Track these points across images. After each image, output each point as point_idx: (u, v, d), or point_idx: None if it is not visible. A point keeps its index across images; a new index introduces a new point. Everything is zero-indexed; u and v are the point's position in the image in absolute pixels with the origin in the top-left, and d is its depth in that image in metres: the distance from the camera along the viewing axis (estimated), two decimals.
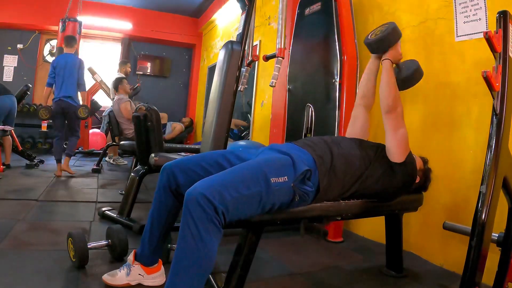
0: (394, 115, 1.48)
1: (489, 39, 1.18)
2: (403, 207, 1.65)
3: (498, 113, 1.18)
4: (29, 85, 4.75)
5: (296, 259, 1.94)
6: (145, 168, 2.38)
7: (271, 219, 1.23)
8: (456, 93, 1.93)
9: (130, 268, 1.46)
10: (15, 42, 6.32)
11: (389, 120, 1.49)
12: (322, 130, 2.37)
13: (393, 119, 1.48)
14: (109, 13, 6.51)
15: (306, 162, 1.28)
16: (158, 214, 1.41)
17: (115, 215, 2.32)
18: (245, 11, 2.11)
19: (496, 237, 1.31)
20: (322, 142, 1.42)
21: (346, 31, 2.31)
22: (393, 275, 1.75)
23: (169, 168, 1.37)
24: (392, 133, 1.47)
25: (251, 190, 1.12)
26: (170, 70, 7.44)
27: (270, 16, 4.01)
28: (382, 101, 1.51)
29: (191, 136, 7.00)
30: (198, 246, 1.02)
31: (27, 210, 2.45)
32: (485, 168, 1.17)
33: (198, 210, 1.02)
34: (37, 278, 1.47)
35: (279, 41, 2.00)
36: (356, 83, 2.33)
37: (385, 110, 1.50)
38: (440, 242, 1.91)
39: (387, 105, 1.49)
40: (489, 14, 1.76)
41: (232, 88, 1.99)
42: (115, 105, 4.57)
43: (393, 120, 1.48)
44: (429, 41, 2.09)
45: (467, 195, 1.80)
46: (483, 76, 1.17)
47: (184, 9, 6.79)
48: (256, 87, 4.22)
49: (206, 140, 2.05)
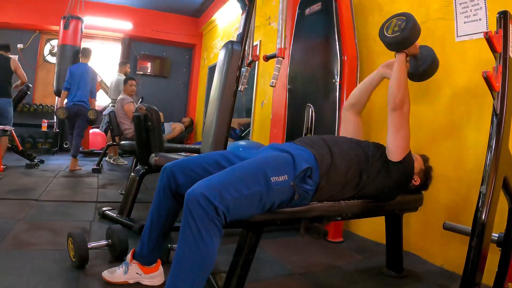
0: (399, 113, 1.43)
1: (489, 39, 1.18)
2: (403, 207, 1.65)
3: (498, 113, 1.18)
4: (29, 85, 4.75)
5: (296, 259, 1.94)
6: (145, 168, 2.38)
7: (271, 219, 1.23)
8: (456, 93, 1.93)
9: (128, 266, 1.47)
10: (15, 42, 6.32)
11: (394, 118, 1.45)
12: (322, 130, 2.37)
13: (397, 118, 1.44)
14: (110, 13, 6.51)
15: (307, 160, 1.28)
16: (157, 215, 1.41)
17: (115, 215, 2.32)
18: (245, 11, 2.11)
19: (496, 237, 1.31)
20: (321, 140, 1.42)
21: (346, 31, 2.31)
22: (393, 275, 1.75)
23: (169, 169, 1.36)
24: (394, 132, 1.44)
25: (251, 189, 1.12)
26: (170, 70, 7.44)
27: (270, 16, 4.01)
28: (390, 97, 1.45)
29: (191, 136, 7.00)
30: (199, 246, 1.02)
31: (27, 210, 2.45)
32: (485, 168, 1.17)
33: (198, 210, 1.02)
34: (37, 278, 1.47)
35: (279, 41, 2.00)
36: (356, 83, 2.33)
37: (391, 107, 1.45)
38: (440, 242, 1.91)
39: (394, 103, 1.43)
40: (489, 14, 1.76)
41: (232, 88, 2.00)
42: (117, 105, 4.56)
43: (398, 119, 1.44)
44: (429, 41, 2.09)
45: (467, 195, 1.80)
46: (483, 76, 1.17)
47: (184, 9, 6.79)
48: (256, 87, 4.22)
49: (206, 140, 2.05)
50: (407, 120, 1.46)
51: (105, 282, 1.47)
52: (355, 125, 1.71)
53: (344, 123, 1.74)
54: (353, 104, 1.71)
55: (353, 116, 1.72)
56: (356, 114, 1.72)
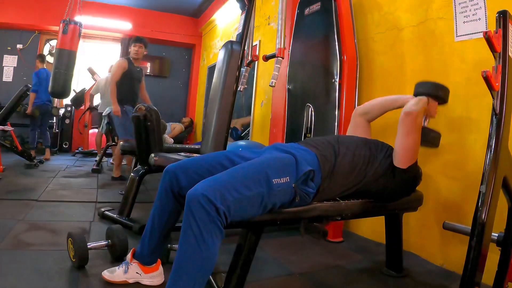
0: (412, 118, 1.41)
1: (489, 39, 1.18)
2: (403, 207, 1.64)
3: (497, 113, 1.18)
4: (28, 85, 4.76)
5: (296, 259, 1.94)
6: (145, 168, 2.38)
7: (271, 219, 1.23)
8: (455, 93, 1.92)
9: (128, 266, 1.47)
10: (15, 42, 6.32)
11: (405, 121, 1.42)
12: (322, 130, 2.37)
13: (409, 122, 1.41)
14: (109, 13, 6.50)
15: (310, 162, 1.27)
16: (159, 216, 1.41)
17: (115, 215, 2.32)
18: (244, 11, 2.11)
19: (496, 237, 1.31)
20: (326, 142, 1.42)
21: (346, 31, 2.31)
22: (393, 275, 1.75)
23: (171, 170, 1.36)
24: (403, 137, 1.42)
25: (252, 191, 1.12)
26: (170, 70, 7.43)
27: (270, 16, 4.01)
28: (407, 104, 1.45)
29: (191, 136, 7.00)
30: (200, 247, 1.02)
31: (27, 210, 2.45)
32: (485, 168, 1.17)
33: (200, 211, 1.01)
34: (37, 278, 1.47)
35: (279, 41, 2.00)
36: (355, 83, 2.33)
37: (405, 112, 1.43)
38: (440, 242, 1.91)
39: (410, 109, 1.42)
40: (488, 13, 1.76)
41: (232, 88, 1.99)
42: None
43: (409, 123, 1.41)
44: (429, 41, 2.10)
45: (467, 195, 1.80)
46: (483, 76, 1.16)
47: (184, 9, 6.79)
48: (256, 87, 4.22)
49: (206, 140, 2.05)
50: (418, 130, 1.43)
51: (105, 282, 1.47)
52: (364, 130, 1.70)
53: (353, 126, 1.74)
54: (366, 112, 1.72)
55: (364, 122, 1.72)
56: (366, 121, 1.72)
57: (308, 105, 2.50)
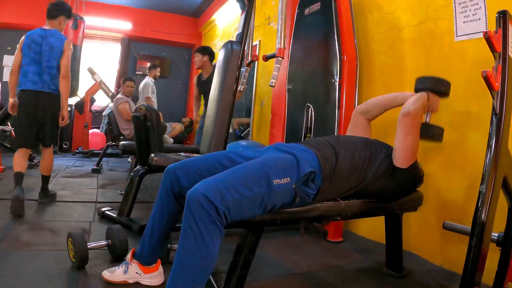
0: (411, 118, 1.41)
1: (489, 39, 1.18)
2: (403, 207, 1.65)
3: (497, 112, 1.18)
4: None
5: (296, 259, 1.94)
6: (145, 168, 2.38)
7: (271, 219, 1.23)
8: (455, 93, 1.92)
9: (128, 266, 1.47)
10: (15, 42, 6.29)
11: (404, 122, 1.42)
12: (322, 130, 2.37)
13: (408, 122, 1.41)
14: (109, 13, 6.50)
15: (311, 163, 1.27)
16: (159, 217, 1.41)
17: (115, 215, 2.32)
18: (244, 11, 2.11)
19: (496, 237, 1.31)
20: (326, 143, 1.41)
21: (345, 31, 2.31)
22: (393, 275, 1.75)
23: (172, 171, 1.36)
24: (402, 137, 1.42)
25: (253, 191, 1.11)
26: (170, 70, 7.43)
27: (270, 16, 4.01)
28: (406, 105, 1.44)
29: (191, 136, 6.99)
30: (200, 246, 1.02)
31: (27, 210, 2.45)
32: (485, 168, 1.17)
33: (199, 210, 1.01)
34: (37, 278, 1.47)
35: (279, 41, 2.00)
36: (355, 83, 2.33)
37: (404, 113, 1.43)
38: (440, 242, 1.91)
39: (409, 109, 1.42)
40: (488, 13, 1.76)
41: (232, 88, 2.00)
42: (113, 105, 4.57)
43: (409, 123, 1.41)
44: (429, 41, 2.09)
45: (467, 195, 1.80)
46: (483, 75, 1.16)
47: (183, 9, 6.79)
48: (256, 87, 4.22)
49: (206, 140, 2.05)
50: (417, 130, 1.43)
51: (105, 282, 1.47)
52: (365, 129, 1.71)
53: (354, 125, 1.74)
54: (367, 111, 1.72)
55: (364, 121, 1.72)
56: (366, 120, 1.72)
57: (308, 105, 2.50)
